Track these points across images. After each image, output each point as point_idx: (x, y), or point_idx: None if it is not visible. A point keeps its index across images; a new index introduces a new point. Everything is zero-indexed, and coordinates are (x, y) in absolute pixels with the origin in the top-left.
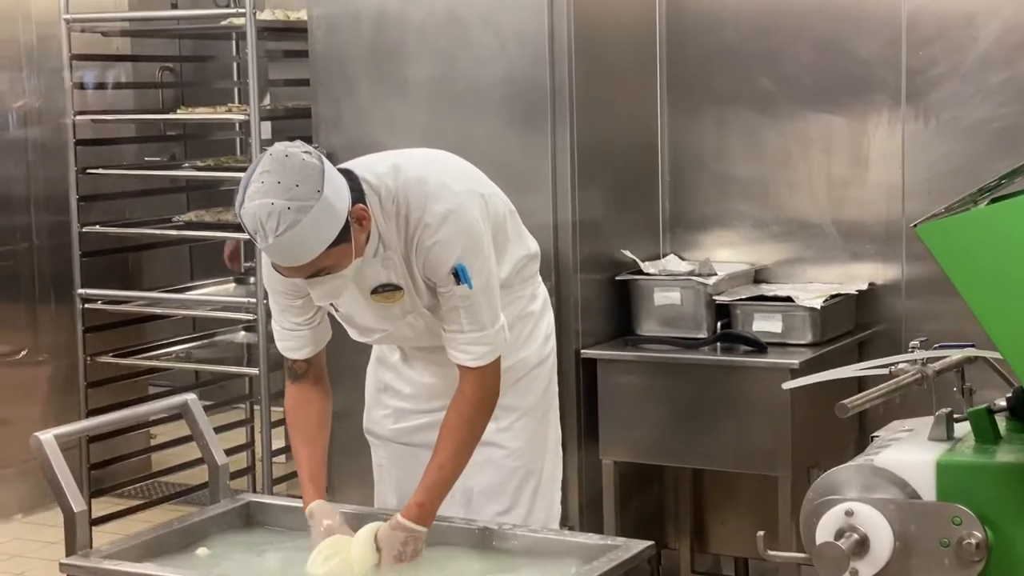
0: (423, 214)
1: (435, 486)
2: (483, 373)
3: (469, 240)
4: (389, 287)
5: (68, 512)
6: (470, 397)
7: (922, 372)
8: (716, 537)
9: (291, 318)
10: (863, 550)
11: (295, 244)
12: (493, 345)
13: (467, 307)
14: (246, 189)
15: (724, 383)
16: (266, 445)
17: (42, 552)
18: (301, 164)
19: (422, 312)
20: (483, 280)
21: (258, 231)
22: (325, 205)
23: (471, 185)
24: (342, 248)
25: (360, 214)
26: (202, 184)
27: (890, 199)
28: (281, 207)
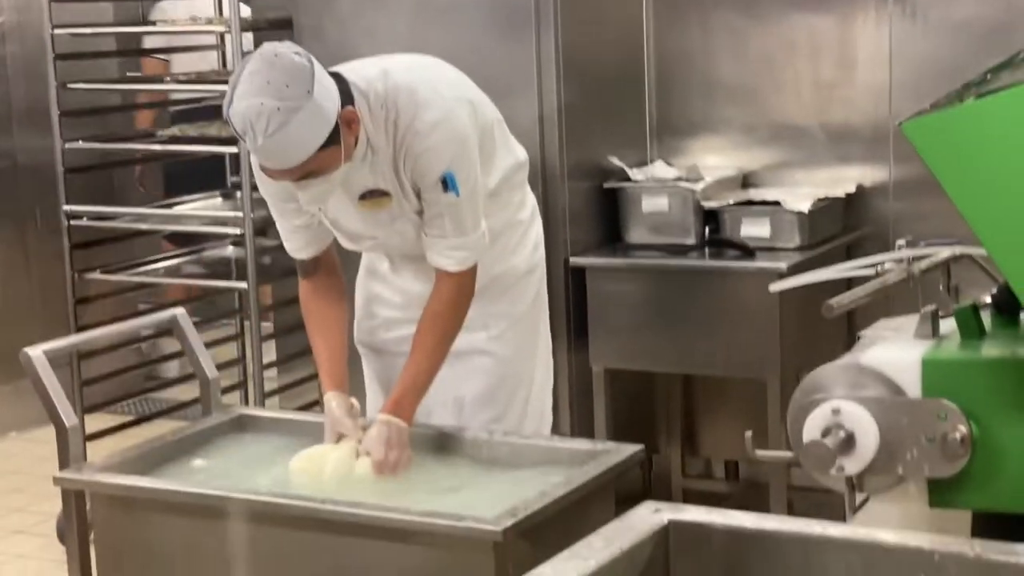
0: (413, 120)
1: (413, 384)
2: (461, 276)
3: (458, 148)
4: (377, 192)
5: (60, 426)
6: (447, 298)
7: (908, 271)
8: (706, 441)
9: (290, 220)
10: (849, 447)
11: (284, 145)
12: (474, 250)
13: (452, 214)
14: (234, 89)
15: (713, 288)
16: (257, 359)
17: (38, 468)
18: (291, 64)
19: (411, 217)
20: (470, 188)
21: (247, 132)
22: (315, 106)
23: (460, 92)
24: (331, 151)
25: (350, 117)
26: (185, 98)
27: (877, 100)
28: (271, 107)
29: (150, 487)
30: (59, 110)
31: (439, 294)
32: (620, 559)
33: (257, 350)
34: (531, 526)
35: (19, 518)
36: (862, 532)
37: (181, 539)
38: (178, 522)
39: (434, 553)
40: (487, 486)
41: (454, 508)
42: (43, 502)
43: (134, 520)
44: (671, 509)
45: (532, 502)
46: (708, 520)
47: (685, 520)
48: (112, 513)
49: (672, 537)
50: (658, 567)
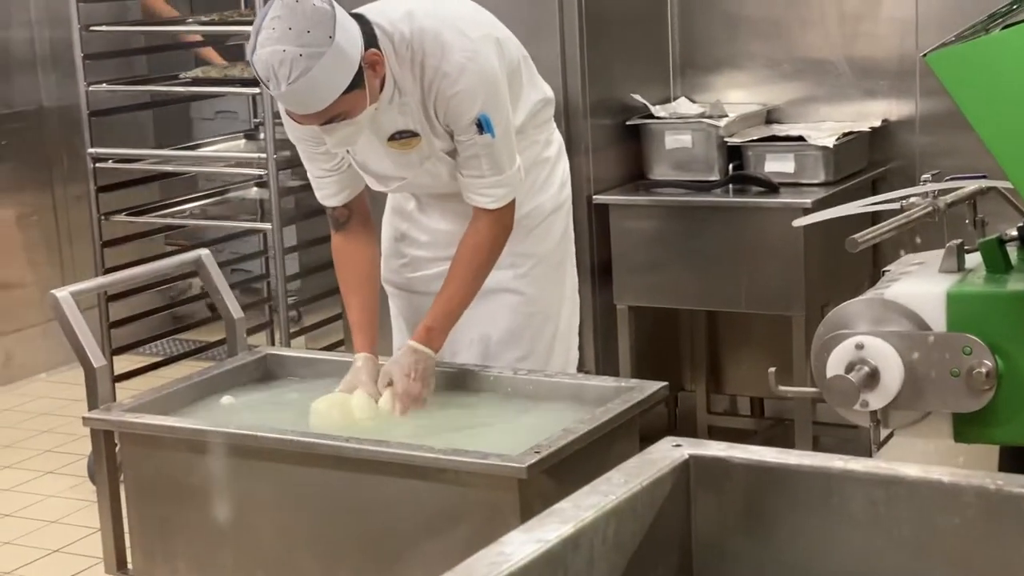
0: (440, 62)
1: (444, 313)
2: (500, 212)
3: (489, 88)
4: (406, 133)
5: (88, 367)
6: (485, 233)
7: (933, 204)
8: (731, 378)
9: (320, 165)
10: (873, 382)
11: (308, 91)
12: (511, 186)
13: (488, 154)
14: (257, 35)
15: (737, 225)
16: (282, 299)
17: (67, 409)
18: (312, 10)
19: (441, 157)
20: (503, 126)
21: (270, 78)
22: (337, 51)
23: (486, 30)
24: (356, 94)
25: (373, 59)
26: (208, 40)
27: (903, 34)
28: (293, 54)
29: (178, 426)
30: (82, 52)
31: (477, 228)
32: (640, 494)
33: (282, 290)
34: (555, 463)
35: (50, 458)
36: (884, 466)
37: (209, 477)
38: (206, 460)
39: (459, 491)
40: (512, 424)
41: (479, 446)
42: (73, 443)
43: (163, 459)
44: (691, 444)
45: (556, 439)
46: (728, 455)
47: (705, 455)
48: (141, 452)
49: (693, 472)
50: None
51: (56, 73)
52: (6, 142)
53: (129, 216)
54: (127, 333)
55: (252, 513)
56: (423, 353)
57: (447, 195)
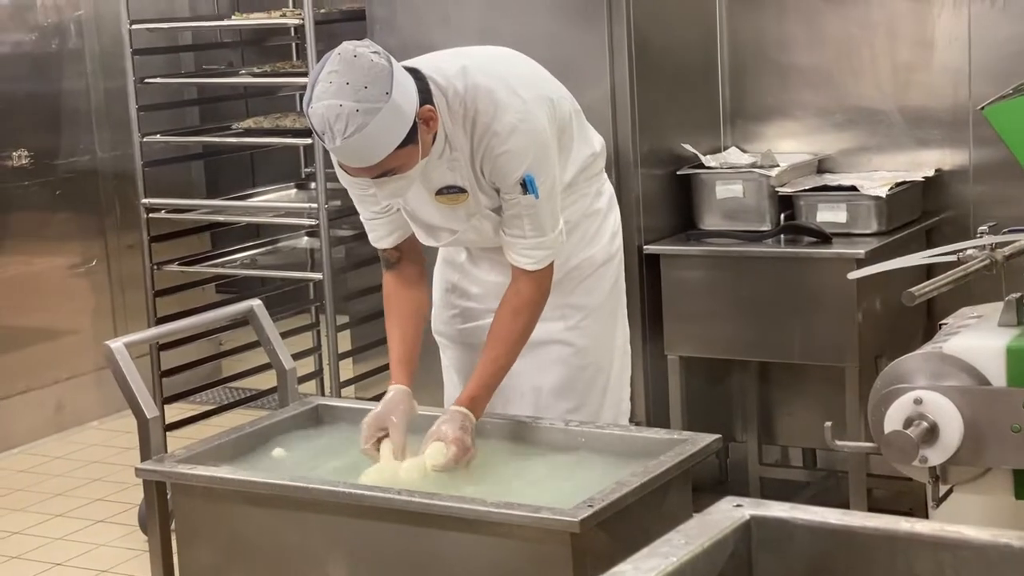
0: (492, 121)
1: (488, 378)
2: (540, 275)
3: (538, 150)
4: (454, 189)
5: (141, 418)
6: (525, 296)
7: (991, 257)
8: (783, 429)
9: (369, 208)
10: (933, 438)
11: (363, 146)
12: (552, 249)
13: (531, 215)
14: (313, 89)
15: (789, 275)
16: (332, 349)
17: (119, 458)
18: (369, 65)
19: (487, 214)
20: (548, 188)
21: (326, 132)
22: (393, 107)
23: (539, 90)
24: (409, 149)
25: (428, 115)
26: (259, 91)
27: (956, 83)
28: (349, 109)
29: (231, 478)
30: (137, 104)
31: (517, 291)
32: (701, 556)
33: (333, 340)
34: (608, 517)
35: (101, 507)
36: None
37: (261, 529)
38: (258, 512)
39: (511, 544)
40: (564, 477)
41: (531, 499)
42: (125, 492)
43: (215, 510)
44: (752, 505)
45: (609, 493)
46: (791, 516)
47: (767, 516)
48: (193, 503)
49: (754, 533)
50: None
51: (110, 123)
52: (60, 192)
53: (181, 266)
54: (179, 382)
55: (303, 565)
56: (468, 416)
57: (497, 249)
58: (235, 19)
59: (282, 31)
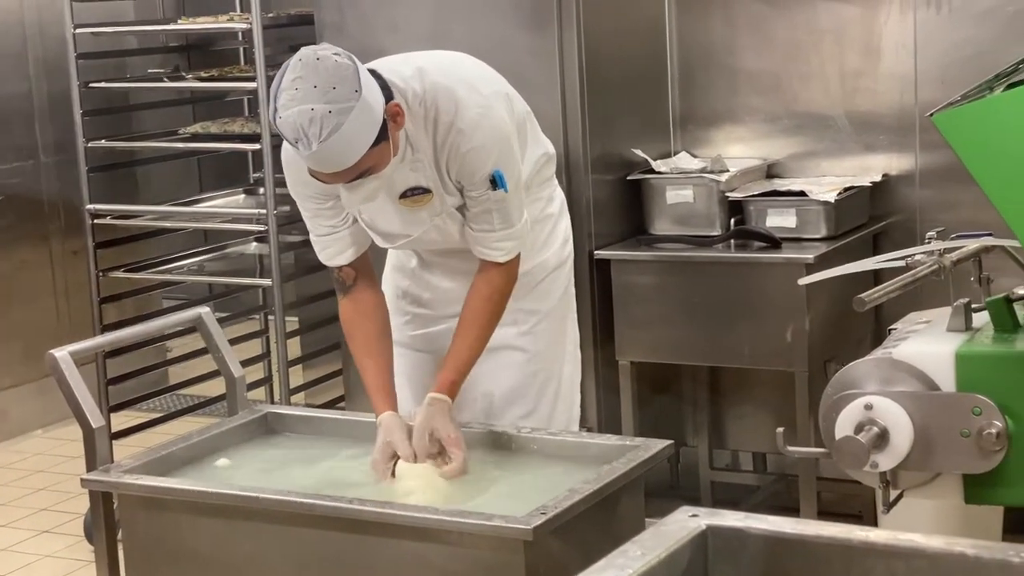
0: (455, 119)
1: (463, 362)
2: (510, 264)
3: (503, 143)
4: (418, 190)
5: (87, 428)
6: (497, 283)
7: (939, 263)
8: (734, 433)
9: (325, 222)
10: (883, 443)
11: (339, 148)
12: (520, 239)
13: (500, 209)
14: (277, 98)
15: (739, 280)
16: (282, 355)
17: (64, 467)
18: (334, 66)
19: (451, 213)
20: (514, 181)
21: (300, 139)
22: (364, 104)
23: (497, 86)
24: (382, 147)
25: (395, 111)
26: (207, 95)
27: (903, 89)
28: (322, 111)
29: (177, 488)
30: (81, 109)
31: (489, 279)
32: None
33: (282, 347)
34: (561, 524)
35: (47, 517)
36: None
37: (209, 539)
38: (206, 522)
39: (464, 553)
40: (516, 484)
41: (483, 507)
42: (70, 501)
43: (162, 520)
44: (708, 514)
45: (562, 500)
46: (746, 525)
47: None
48: (140, 513)
49: (710, 543)
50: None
51: (54, 128)
52: (3, 197)
53: (127, 272)
54: (126, 389)
55: (255, 575)
56: (449, 404)
57: (450, 252)
58: (181, 23)
59: (230, 35)
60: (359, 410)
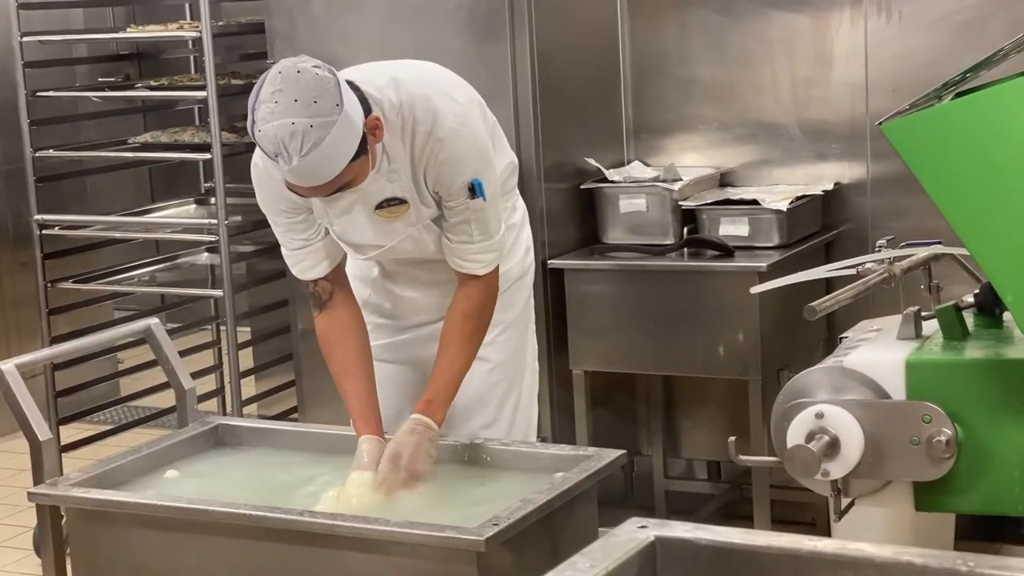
0: (432, 128)
1: (444, 384)
2: (489, 277)
3: (480, 151)
4: (394, 201)
5: (34, 441)
6: (477, 299)
7: (889, 271)
8: (688, 442)
9: (297, 236)
10: (834, 451)
11: (320, 163)
12: (499, 251)
13: (479, 219)
14: (256, 111)
15: (692, 288)
16: (234, 367)
17: (12, 480)
18: (315, 79)
19: (428, 225)
20: (492, 190)
21: (280, 153)
22: (346, 119)
23: (471, 94)
24: (361, 160)
25: (374, 123)
26: (157, 104)
27: (854, 97)
28: (303, 126)
29: (125, 501)
30: (29, 118)
31: (467, 295)
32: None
33: (234, 358)
34: (514, 535)
35: None
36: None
37: (158, 552)
38: (155, 536)
39: (417, 564)
40: (469, 494)
41: (436, 518)
42: (18, 515)
43: (111, 534)
44: (656, 525)
45: (514, 511)
46: (695, 536)
47: (671, 536)
48: (88, 527)
49: (659, 554)
50: None
51: (1, 137)
52: None
53: (76, 283)
54: (75, 401)
55: None
56: (430, 430)
57: (414, 262)
58: (131, 31)
59: (180, 44)
60: (312, 421)
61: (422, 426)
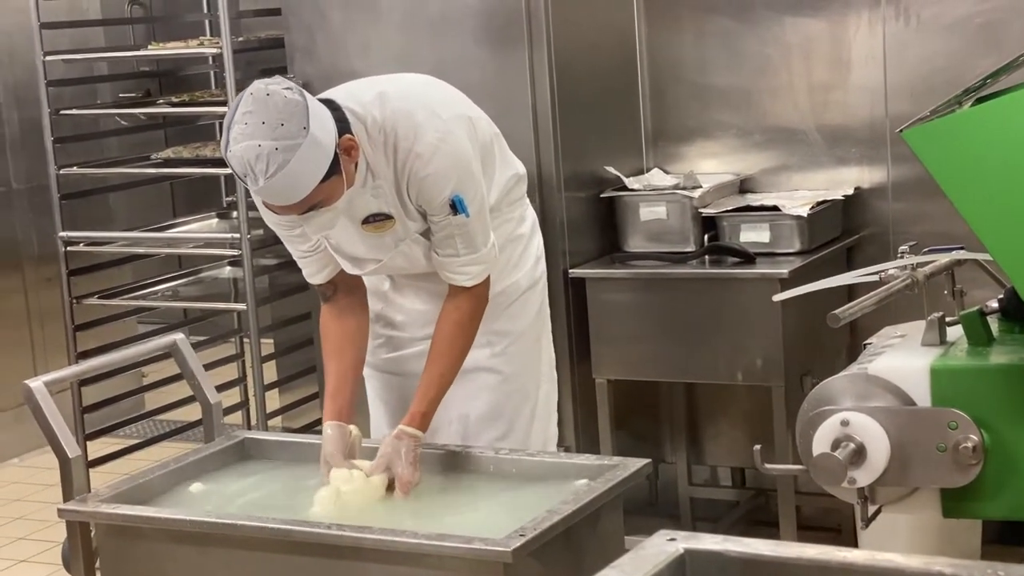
0: (413, 144)
1: (435, 394)
2: (478, 288)
3: (462, 168)
4: (380, 216)
5: (63, 458)
6: (466, 309)
7: (912, 277)
8: (712, 449)
9: (298, 247)
10: (860, 459)
11: (286, 185)
12: (487, 263)
13: (463, 234)
14: (229, 131)
15: (714, 296)
16: (258, 379)
17: (41, 495)
18: (284, 102)
19: (416, 239)
20: (477, 206)
21: (247, 174)
22: (313, 141)
23: (458, 110)
24: (333, 181)
25: (348, 145)
26: (178, 120)
27: (873, 102)
28: (269, 148)
29: (154, 516)
30: (52, 136)
31: (456, 306)
32: None
33: (258, 371)
34: (540, 546)
35: (24, 546)
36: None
37: (187, 567)
38: (184, 550)
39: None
40: (495, 505)
41: (463, 529)
42: (47, 530)
43: (140, 549)
44: (686, 538)
45: (541, 521)
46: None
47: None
48: (118, 542)
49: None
50: None
51: (25, 154)
52: None
53: (101, 299)
54: (102, 416)
55: None
56: (418, 439)
57: (423, 275)
58: (151, 49)
59: (200, 60)
60: None
61: (411, 437)
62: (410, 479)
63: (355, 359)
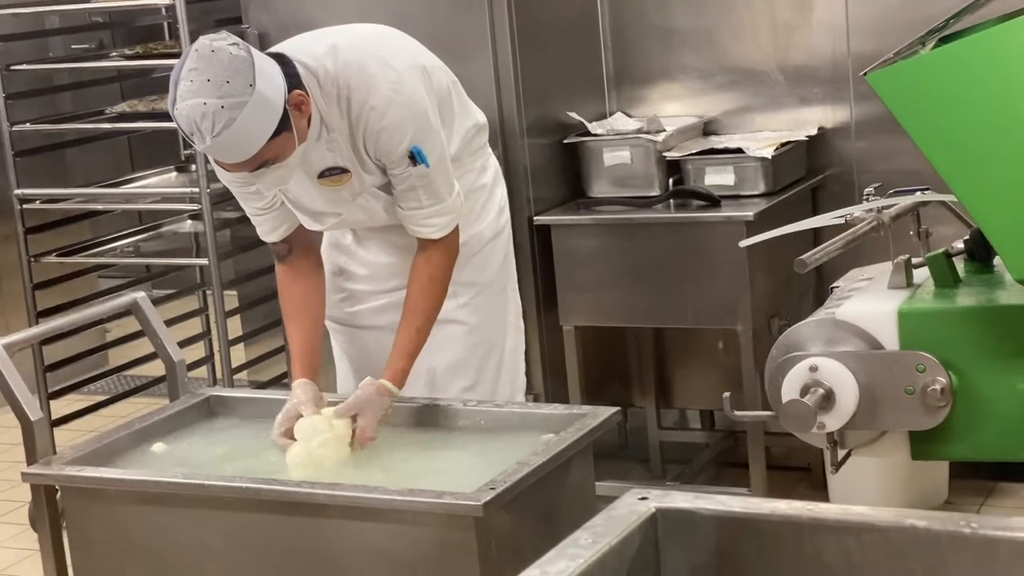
0: (367, 96)
1: (414, 350)
2: (447, 239)
3: (419, 118)
4: (336, 170)
5: (26, 421)
6: (436, 262)
7: (878, 219)
8: (681, 392)
9: (252, 204)
10: (829, 404)
11: (234, 142)
12: (453, 213)
13: (425, 185)
14: (176, 88)
15: (680, 240)
16: (222, 334)
17: (5, 455)
18: (229, 58)
19: (374, 192)
20: (437, 156)
21: (194, 132)
22: (259, 98)
23: (412, 59)
24: (284, 137)
25: (298, 100)
26: (133, 73)
27: (835, 40)
28: (214, 106)
29: (120, 478)
30: (4, 92)
31: (427, 259)
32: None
33: (222, 325)
34: (511, 498)
35: None
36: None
37: (155, 527)
38: (151, 511)
39: (414, 531)
40: (464, 458)
41: (432, 484)
42: (12, 490)
43: (106, 510)
44: (657, 497)
45: (511, 474)
46: (696, 507)
47: (673, 507)
48: (83, 504)
49: (660, 526)
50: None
51: None
52: None
53: (60, 257)
54: (63, 374)
55: (203, 562)
56: (394, 396)
57: (385, 228)
58: (104, 1)
59: (153, 10)
60: None
61: (388, 394)
62: (372, 436)
63: (315, 320)
